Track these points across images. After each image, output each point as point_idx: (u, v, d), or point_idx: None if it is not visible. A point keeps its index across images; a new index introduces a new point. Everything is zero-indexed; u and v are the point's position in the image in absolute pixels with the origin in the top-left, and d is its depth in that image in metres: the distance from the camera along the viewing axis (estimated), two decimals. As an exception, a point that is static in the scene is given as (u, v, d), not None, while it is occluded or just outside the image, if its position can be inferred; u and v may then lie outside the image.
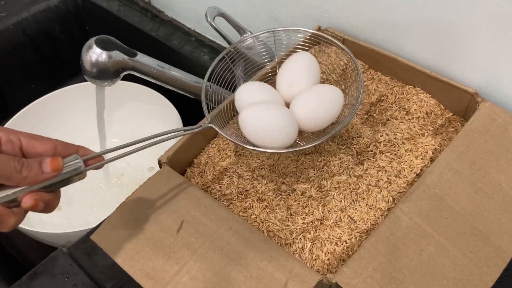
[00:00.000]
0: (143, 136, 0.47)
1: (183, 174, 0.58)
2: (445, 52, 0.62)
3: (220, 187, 0.55)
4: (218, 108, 0.55)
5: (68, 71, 1.12)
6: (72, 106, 0.94)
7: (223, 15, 0.71)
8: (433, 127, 0.59)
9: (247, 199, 0.54)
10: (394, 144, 0.57)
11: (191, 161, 0.59)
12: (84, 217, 0.86)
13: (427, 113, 0.60)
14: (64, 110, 0.94)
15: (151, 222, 0.49)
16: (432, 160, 0.55)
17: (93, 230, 0.50)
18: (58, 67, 1.11)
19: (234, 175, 0.56)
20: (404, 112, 0.61)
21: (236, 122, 0.55)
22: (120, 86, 0.82)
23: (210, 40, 0.94)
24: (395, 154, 0.56)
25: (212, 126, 0.51)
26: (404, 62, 0.62)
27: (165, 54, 0.96)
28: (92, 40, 0.67)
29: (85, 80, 0.70)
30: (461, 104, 0.59)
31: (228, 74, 0.58)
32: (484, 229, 0.47)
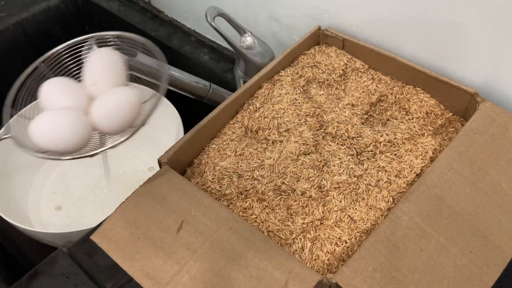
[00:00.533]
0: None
1: (183, 174, 0.58)
2: (445, 52, 0.62)
3: (220, 187, 0.55)
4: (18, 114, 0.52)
5: (68, 71, 1.12)
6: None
7: (223, 15, 0.71)
8: (433, 127, 0.59)
9: (247, 199, 0.54)
10: (394, 144, 0.57)
11: (191, 161, 0.59)
12: (84, 217, 0.86)
13: (427, 113, 0.60)
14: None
15: (151, 222, 0.49)
16: (432, 160, 0.55)
17: (93, 230, 0.50)
18: (58, 67, 1.11)
19: (234, 175, 0.56)
20: (404, 112, 0.61)
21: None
22: (120, 86, 0.81)
23: (210, 40, 0.94)
24: (395, 154, 0.56)
25: (12, 137, 0.48)
26: (404, 62, 0.62)
27: (165, 54, 0.96)
28: (92, 40, 0.67)
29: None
30: (461, 104, 0.59)
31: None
32: (484, 229, 0.47)
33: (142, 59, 0.70)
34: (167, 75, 0.57)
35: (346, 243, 0.49)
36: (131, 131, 0.51)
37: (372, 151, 0.56)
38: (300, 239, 0.50)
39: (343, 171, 0.55)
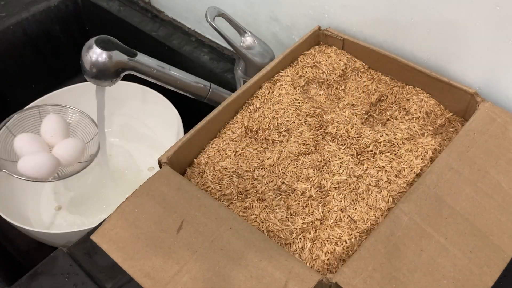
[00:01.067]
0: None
1: (183, 174, 0.58)
2: (445, 52, 0.62)
3: (220, 187, 0.55)
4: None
5: (68, 71, 1.12)
6: (72, 106, 0.94)
7: (223, 15, 0.71)
8: (433, 127, 0.59)
9: (247, 199, 0.54)
10: (394, 144, 0.57)
11: (191, 161, 0.59)
12: (84, 217, 0.86)
13: (427, 113, 0.60)
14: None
15: (151, 222, 0.49)
16: (432, 160, 0.55)
17: (93, 230, 0.50)
18: (58, 67, 1.11)
19: (234, 175, 0.56)
20: (404, 112, 0.61)
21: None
22: (120, 86, 0.82)
23: (210, 40, 0.94)
24: (395, 154, 0.56)
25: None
26: (404, 62, 0.62)
27: (165, 54, 0.96)
28: (92, 40, 0.67)
29: (85, 80, 0.70)
30: (461, 104, 0.59)
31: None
32: (484, 229, 0.47)
33: (142, 59, 0.70)
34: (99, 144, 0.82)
35: (346, 243, 0.49)
36: (82, 164, 0.81)
37: (372, 151, 0.56)
38: (300, 239, 0.50)
39: (343, 171, 0.55)
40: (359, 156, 0.56)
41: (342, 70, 0.66)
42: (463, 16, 0.57)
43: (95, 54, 0.66)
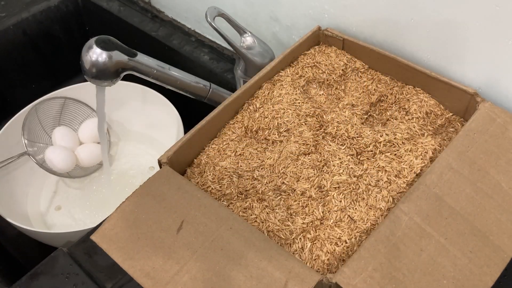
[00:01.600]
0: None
1: (183, 174, 0.58)
2: (445, 52, 0.62)
3: (220, 187, 0.55)
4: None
5: (68, 71, 1.12)
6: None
7: (223, 15, 0.71)
8: (433, 127, 0.59)
9: (247, 199, 0.54)
10: (394, 144, 0.57)
11: (191, 161, 0.59)
12: (84, 217, 0.86)
13: (427, 113, 0.60)
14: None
15: (151, 222, 0.49)
16: (432, 160, 0.55)
17: (93, 230, 0.50)
18: (58, 67, 1.11)
19: (234, 175, 0.56)
20: (404, 112, 0.61)
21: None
22: (120, 86, 0.82)
23: (210, 40, 0.94)
24: (395, 154, 0.56)
25: (30, 155, 0.85)
26: (404, 62, 0.62)
27: (165, 54, 0.96)
28: (92, 40, 0.67)
29: (85, 80, 0.70)
30: (461, 104, 0.59)
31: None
32: (484, 229, 0.47)
33: (142, 59, 0.70)
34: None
35: (346, 243, 0.49)
36: (91, 169, 0.92)
37: (372, 151, 0.56)
38: (300, 239, 0.50)
39: (343, 171, 0.55)
40: (359, 156, 0.56)
41: (342, 70, 0.66)
42: (463, 16, 0.57)
43: (95, 54, 0.66)
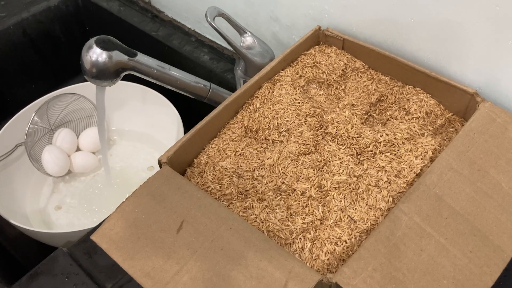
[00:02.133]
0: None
1: (183, 174, 0.58)
2: (445, 52, 0.62)
3: (220, 187, 0.55)
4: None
5: (68, 71, 1.12)
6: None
7: (223, 15, 0.71)
8: (433, 127, 0.59)
9: (247, 199, 0.54)
10: (394, 144, 0.57)
11: (191, 161, 0.59)
12: (84, 217, 0.86)
13: (427, 113, 0.60)
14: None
15: (151, 222, 0.49)
16: (432, 160, 0.55)
17: (93, 230, 0.50)
18: (58, 67, 1.11)
19: (234, 175, 0.56)
20: (404, 112, 0.61)
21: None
22: (120, 86, 0.82)
23: (210, 40, 0.94)
24: (395, 154, 0.56)
25: (26, 147, 0.85)
26: (404, 62, 0.62)
27: (165, 54, 0.96)
28: (92, 40, 0.67)
29: (85, 80, 0.70)
30: (461, 104, 0.59)
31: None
32: (484, 229, 0.47)
33: (142, 59, 0.70)
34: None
35: (346, 243, 0.49)
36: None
37: (372, 151, 0.56)
38: (300, 239, 0.50)
39: (343, 171, 0.55)
40: (359, 156, 0.56)
41: (342, 70, 0.66)
42: (463, 16, 0.57)
43: (95, 54, 0.66)
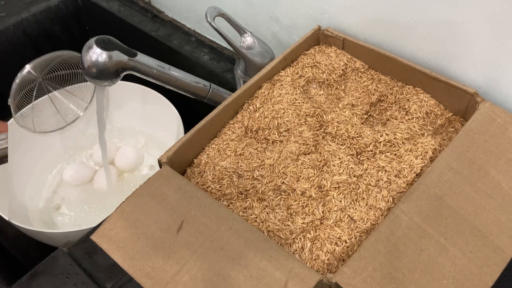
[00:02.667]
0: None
1: (183, 174, 0.58)
2: (445, 52, 0.62)
3: (220, 187, 0.55)
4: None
5: (68, 71, 1.12)
6: (72, 106, 0.94)
7: (223, 15, 0.71)
8: (433, 127, 0.59)
9: (247, 199, 0.54)
10: (394, 144, 0.57)
11: (191, 161, 0.59)
12: (84, 217, 0.86)
13: (427, 113, 0.60)
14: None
15: (151, 222, 0.49)
16: (432, 160, 0.55)
17: (93, 230, 0.50)
18: (58, 67, 1.11)
19: (234, 175, 0.56)
20: (404, 112, 0.61)
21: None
22: (120, 86, 0.82)
23: (210, 40, 0.94)
24: (395, 154, 0.56)
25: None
26: (404, 62, 0.62)
27: (165, 54, 0.96)
28: (92, 40, 0.67)
29: (85, 80, 0.70)
30: (461, 104, 0.59)
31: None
32: (484, 229, 0.47)
33: (142, 59, 0.70)
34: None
35: (346, 242, 0.49)
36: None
37: (372, 151, 0.56)
38: (300, 239, 0.50)
39: (343, 171, 0.55)
40: (359, 156, 0.56)
41: (342, 70, 0.66)
42: (463, 16, 0.57)
43: (95, 54, 0.66)
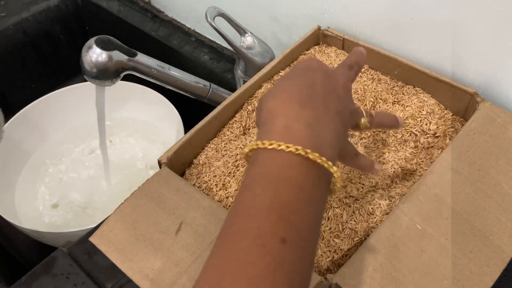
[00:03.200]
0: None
1: (182, 174, 0.58)
2: (445, 52, 0.61)
3: (218, 187, 0.55)
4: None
5: (68, 71, 1.12)
6: (72, 106, 0.94)
7: (223, 15, 0.71)
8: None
9: (246, 199, 0.53)
10: (394, 144, 0.56)
11: (191, 161, 0.59)
12: (84, 217, 0.86)
13: (427, 113, 0.60)
14: (64, 110, 0.94)
15: (150, 223, 0.48)
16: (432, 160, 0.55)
17: (93, 230, 0.50)
18: (58, 67, 1.11)
19: (231, 176, 0.56)
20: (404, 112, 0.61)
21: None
22: (120, 86, 0.81)
23: (210, 40, 0.94)
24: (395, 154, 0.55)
25: None
26: (404, 62, 0.62)
27: (165, 54, 0.96)
28: (92, 40, 0.67)
29: (85, 80, 0.70)
30: (461, 104, 0.59)
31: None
32: (484, 229, 0.47)
33: (142, 59, 0.70)
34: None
35: (346, 244, 0.49)
36: None
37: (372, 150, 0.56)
38: (299, 239, 0.50)
39: (343, 171, 0.55)
40: (359, 156, 0.56)
41: (342, 70, 0.66)
42: (463, 16, 0.57)
43: (95, 54, 0.66)
